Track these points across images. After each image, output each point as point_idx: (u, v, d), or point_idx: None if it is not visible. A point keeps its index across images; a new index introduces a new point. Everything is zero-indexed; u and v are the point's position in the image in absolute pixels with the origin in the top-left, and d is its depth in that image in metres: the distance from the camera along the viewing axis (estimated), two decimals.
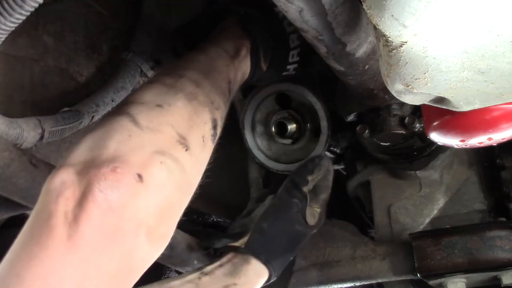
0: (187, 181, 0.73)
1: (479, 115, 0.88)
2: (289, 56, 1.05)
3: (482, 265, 1.20)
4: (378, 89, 1.10)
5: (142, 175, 0.65)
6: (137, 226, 0.64)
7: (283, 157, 1.27)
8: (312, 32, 0.77)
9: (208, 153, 0.80)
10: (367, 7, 0.55)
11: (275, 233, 1.12)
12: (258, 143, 1.27)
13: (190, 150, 0.73)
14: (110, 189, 0.62)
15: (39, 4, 0.63)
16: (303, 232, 1.15)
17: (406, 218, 1.40)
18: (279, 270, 1.11)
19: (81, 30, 1.10)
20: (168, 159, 0.69)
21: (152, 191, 0.66)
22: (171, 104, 0.76)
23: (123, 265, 0.62)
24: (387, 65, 0.62)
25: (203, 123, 0.79)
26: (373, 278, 1.31)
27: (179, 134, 0.73)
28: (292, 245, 1.14)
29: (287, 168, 1.24)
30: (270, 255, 1.09)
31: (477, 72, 0.60)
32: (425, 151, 1.34)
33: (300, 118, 1.25)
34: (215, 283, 1.02)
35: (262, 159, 1.26)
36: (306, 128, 1.26)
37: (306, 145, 1.26)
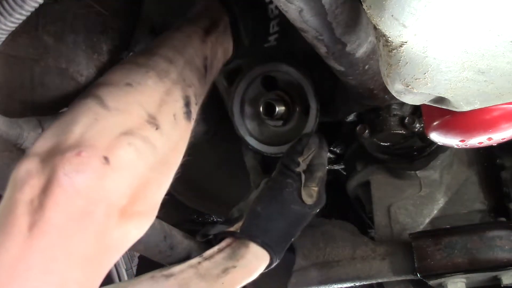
0: (160, 160, 0.72)
1: (479, 115, 0.88)
2: (270, 26, 1.03)
3: (482, 265, 1.20)
4: (378, 89, 1.10)
5: (109, 157, 0.64)
6: (107, 207, 0.63)
7: (275, 140, 1.26)
8: (312, 32, 0.77)
9: (182, 131, 0.79)
10: (367, 7, 0.55)
11: (270, 215, 1.10)
12: (249, 129, 1.26)
13: (160, 128, 0.72)
14: (75, 173, 0.61)
15: (39, 4, 0.63)
16: (302, 212, 1.13)
17: (406, 218, 1.40)
18: (280, 252, 1.10)
19: (81, 30, 1.09)
20: (136, 139, 0.68)
21: (120, 172, 0.65)
22: (141, 83, 0.75)
23: (96, 246, 0.62)
24: (387, 65, 0.62)
25: (174, 101, 0.77)
26: (373, 278, 1.31)
27: (148, 113, 0.72)
28: (291, 226, 1.12)
29: (280, 150, 1.23)
30: (268, 237, 1.08)
31: (477, 72, 0.60)
32: (425, 151, 1.34)
33: (289, 98, 1.24)
34: (215, 267, 1.03)
35: (255, 144, 1.25)
36: (295, 108, 1.24)
37: (297, 125, 1.24)
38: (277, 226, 1.10)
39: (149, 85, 0.75)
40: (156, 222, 1.15)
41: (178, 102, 0.78)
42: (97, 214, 0.62)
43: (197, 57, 0.85)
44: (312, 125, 1.20)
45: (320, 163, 1.20)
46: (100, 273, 0.64)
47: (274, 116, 1.20)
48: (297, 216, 1.13)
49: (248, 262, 1.05)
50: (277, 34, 1.05)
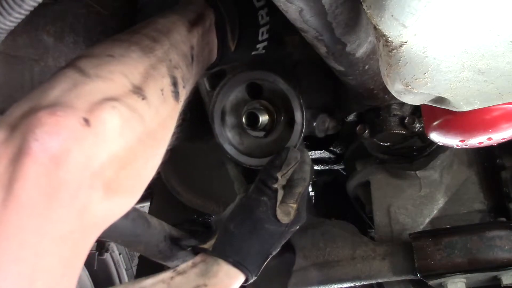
0: (148, 134, 0.65)
1: (479, 115, 0.88)
2: (259, 33, 0.97)
3: (482, 265, 1.20)
4: (378, 89, 1.10)
5: (90, 119, 0.56)
6: (91, 177, 0.55)
7: (256, 151, 1.18)
8: (312, 32, 0.77)
9: (171, 109, 0.72)
10: (367, 7, 0.55)
11: (243, 234, 1.06)
12: (229, 137, 1.18)
13: (147, 100, 0.66)
14: (47, 136, 0.52)
15: (38, 3, 0.63)
16: (277, 230, 1.08)
17: (406, 218, 1.40)
18: (256, 270, 1.06)
19: (81, 30, 1.10)
20: (121, 105, 0.61)
21: (103, 137, 0.57)
22: (123, 55, 0.69)
23: (76, 224, 0.54)
24: (387, 65, 0.62)
25: (160, 76, 0.71)
26: (373, 278, 1.31)
27: (133, 83, 0.65)
28: (265, 245, 1.08)
29: (260, 163, 1.15)
30: (241, 256, 1.04)
31: (477, 72, 0.60)
32: (425, 151, 1.34)
33: (273, 108, 1.16)
34: (186, 283, 1.00)
35: (234, 154, 1.18)
36: (279, 119, 1.16)
37: (280, 137, 1.16)
38: (250, 245, 1.06)
39: (132, 57, 0.69)
40: (156, 222, 1.15)
41: (165, 78, 0.72)
42: (76, 185, 0.53)
43: (183, 43, 0.80)
44: (296, 139, 1.13)
45: (300, 177, 1.11)
46: (80, 253, 0.56)
47: (257, 127, 1.13)
48: (272, 235, 1.09)
49: (219, 280, 1.02)
50: (266, 42, 1.00)
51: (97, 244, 1.97)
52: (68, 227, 0.53)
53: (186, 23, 0.84)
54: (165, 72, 0.73)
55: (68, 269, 0.54)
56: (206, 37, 0.88)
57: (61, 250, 0.52)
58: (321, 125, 1.19)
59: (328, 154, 1.86)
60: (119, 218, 1.05)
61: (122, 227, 1.07)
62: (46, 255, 0.51)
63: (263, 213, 1.08)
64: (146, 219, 1.13)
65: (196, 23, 0.85)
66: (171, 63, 0.75)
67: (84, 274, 2.21)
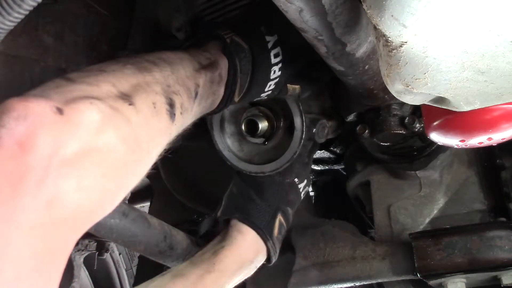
0: (135, 138, 0.63)
1: (479, 115, 0.88)
2: (267, 86, 0.97)
3: (482, 265, 1.20)
4: (378, 89, 1.10)
5: (63, 109, 0.54)
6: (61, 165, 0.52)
7: (256, 158, 1.18)
8: (312, 32, 0.77)
9: (164, 126, 0.70)
10: (367, 7, 0.55)
11: (242, 192, 1.12)
12: (228, 144, 1.17)
13: (135, 106, 0.64)
14: (14, 121, 0.50)
15: (38, 3, 0.63)
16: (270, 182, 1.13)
17: (406, 218, 1.40)
18: (266, 227, 1.10)
19: (81, 30, 1.10)
20: (102, 103, 0.59)
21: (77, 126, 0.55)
22: (116, 70, 0.67)
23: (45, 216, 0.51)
24: (387, 65, 0.62)
25: (153, 92, 0.69)
26: (373, 278, 1.31)
27: (120, 91, 0.64)
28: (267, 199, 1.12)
29: (260, 169, 1.15)
30: (245, 212, 1.08)
31: (477, 72, 0.60)
32: (425, 151, 1.34)
33: (272, 115, 1.16)
34: (207, 252, 1.06)
35: (234, 161, 1.17)
36: (279, 125, 1.16)
37: (280, 144, 1.16)
38: (251, 201, 1.11)
39: (125, 72, 0.68)
40: (156, 222, 1.15)
41: (158, 95, 0.70)
42: (43, 171, 0.51)
43: (187, 78, 0.78)
44: (296, 145, 1.12)
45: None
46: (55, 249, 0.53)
47: (257, 134, 1.13)
48: (268, 188, 1.12)
49: (233, 239, 1.06)
50: (270, 92, 0.99)
51: (97, 244, 1.97)
52: (36, 216, 0.50)
53: (195, 63, 0.83)
54: (160, 91, 0.71)
55: (42, 264, 0.51)
56: (214, 86, 0.86)
57: (31, 241, 0.50)
58: (321, 131, 1.20)
59: (328, 154, 1.86)
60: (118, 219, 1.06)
61: (122, 227, 1.07)
62: (15, 244, 0.48)
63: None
64: (146, 219, 1.13)
65: (205, 67, 0.84)
66: (169, 88, 0.73)
67: (84, 274, 2.21)
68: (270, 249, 1.10)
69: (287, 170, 1.14)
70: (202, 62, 0.84)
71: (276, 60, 0.95)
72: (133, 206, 1.15)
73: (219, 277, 1.02)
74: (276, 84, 0.98)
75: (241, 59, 0.89)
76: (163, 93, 0.71)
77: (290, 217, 1.16)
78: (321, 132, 1.19)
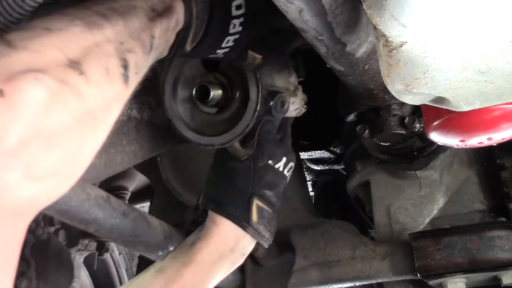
0: (88, 112, 0.58)
1: (479, 115, 0.88)
2: (224, 40, 0.88)
3: (482, 265, 1.20)
4: (378, 89, 1.10)
5: (4, 89, 0.49)
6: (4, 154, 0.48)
7: (207, 129, 1.09)
8: (312, 32, 0.77)
9: (118, 92, 0.64)
10: (367, 7, 0.55)
11: (215, 178, 1.09)
12: (180, 111, 1.08)
13: (86, 75, 0.58)
14: None
15: (38, 4, 0.63)
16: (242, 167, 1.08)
17: (406, 218, 1.40)
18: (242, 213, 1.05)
19: None
20: (48, 77, 0.53)
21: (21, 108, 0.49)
22: (63, 29, 0.60)
23: None
24: (387, 65, 0.62)
25: (105, 55, 0.63)
26: (373, 278, 1.31)
27: (68, 57, 0.57)
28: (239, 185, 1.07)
29: (210, 141, 1.07)
30: (218, 201, 1.06)
31: (477, 72, 0.60)
32: (425, 151, 1.34)
33: (228, 84, 1.07)
34: (186, 244, 1.05)
35: (183, 130, 1.07)
36: (234, 95, 1.07)
37: (234, 115, 1.08)
38: (223, 188, 1.07)
39: (73, 31, 0.61)
40: (156, 222, 1.15)
41: (111, 58, 0.64)
42: None
43: (142, 30, 0.71)
44: (249, 117, 1.04)
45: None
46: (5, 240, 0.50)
47: (208, 102, 1.05)
48: (241, 173, 1.07)
49: (207, 229, 1.05)
50: (228, 49, 0.91)
51: (97, 244, 1.97)
52: None
53: (149, 11, 0.74)
54: (113, 53, 0.64)
55: None
56: (169, 33, 0.79)
57: None
58: (279, 105, 1.10)
59: (328, 154, 1.86)
60: (118, 219, 1.06)
61: (122, 227, 1.07)
62: None
63: (223, 153, 1.10)
64: (146, 219, 1.13)
65: (161, 14, 0.76)
66: (122, 46, 0.66)
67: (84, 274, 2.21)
68: (253, 234, 1.06)
69: (258, 153, 1.09)
70: (157, 8, 0.76)
71: (237, 12, 0.87)
72: (133, 206, 1.15)
73: (197, 269, 1.02)
74: (235, 42, 0.90)
75: (197, 3, 0.81)
76: (116, 54, 0.65)
77: (272, 199, 1.11)
78: (279, 107, 1.11)
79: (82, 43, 0.61)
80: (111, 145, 1.09)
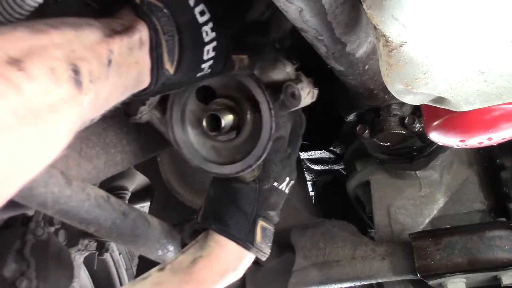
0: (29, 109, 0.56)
1: (479, 115, 0.88)
2: (204, 52, 0.86)
3: (482, 265, 1.20)
4: (378, 89, 1.10)
5: None
6: None
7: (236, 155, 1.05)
8: (312, 32, 0.77)
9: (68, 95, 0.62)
10: (367, 7, 0.55)
11: (220, 198, 1.06)
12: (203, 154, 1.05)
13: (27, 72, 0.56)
14: None
15: (39, 4, 0.63)
16: (247, 189, 1.05)
17: (406, 218, 1.40)
18: (246, 236, 1.04)
19: None
20: None
21: None
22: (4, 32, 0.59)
23: None
24: (387, 65, 0.62)
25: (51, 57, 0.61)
26: (373, 278, 1.31)
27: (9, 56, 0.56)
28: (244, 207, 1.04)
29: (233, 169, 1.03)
30: (223, 222, 1.03)
31: (477, 72, 0.60)
32: (425, 151, 1.34)
33: (234, 103, 1.02)
34: (186, 259, 1.02)
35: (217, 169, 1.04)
36: (245, 112, 1.02)
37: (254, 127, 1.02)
38: (228, 209, 1.05)
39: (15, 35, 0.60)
40: (156, 222, 1.15)
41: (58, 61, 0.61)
42: None
43: (96, 43, 0.68)
44: (268, 119, 0.98)
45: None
46: None
47: (222, 130, 0.99)
48: (245, 195, 1.05)
49: (211, 249, 1.03)
50: (212, 60, 0.88)
51: (97, 244, 1.97)
52: None
53: (106, 29, 0.72)
54: (61, 56, 0.62)
55: None
56: (135, 53, 0.76)
57: None
58: (290, 95, 1.03)
59: (328, 154, 1.86)
60: (118, 219, 1.06)
61: (122, 227, 1.07)
62: None
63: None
64: (146, 219, 1.13)
65: (119, 32, 0.73)
66: (73, 53, 0.64)
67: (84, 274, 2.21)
68: (256, 254, 1.06)
69: (264, 175, 1.07)
70: (115, 28, 0.74)
71: (203, 18, 0.84)
72: (133, 206, 1.15)
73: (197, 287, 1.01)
74: (215, 51, 0.87)
75: (159, 18, 0.78)
76: (64, 59, 0.63)
77: (274, 218, 1.12)
78: (290, 98, 1.03)
79: (25, 44, 0.59)
80: (111, 145, 1.09)
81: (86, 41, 0.67)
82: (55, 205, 0.94)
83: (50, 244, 1.58)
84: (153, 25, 0.77)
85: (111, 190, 1.87)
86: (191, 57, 0.84)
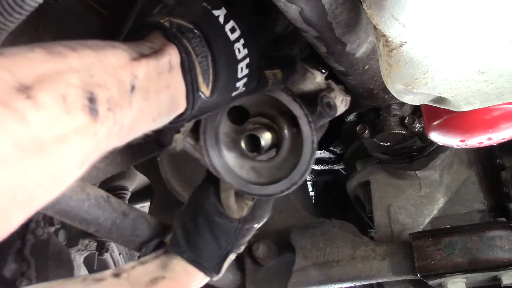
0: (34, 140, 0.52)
1: (479, 115, 0.88)
2: (238, 70, 0.83)
3: (482, 265, 1.20)
4: (378, 89, 1.10)
5: None
6: None
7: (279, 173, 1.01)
8: (312, 32, 0.77)
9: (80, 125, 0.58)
10: (367, 7, 0.55)
11: (197, 228, 1.04)
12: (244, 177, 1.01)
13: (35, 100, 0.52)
14: None
15: (39, 3, 0.63)
16: (229, 226, 1.04)
17: (406, 218, 1.40)
18: (215, 268, 1.05)
19: (81, 30, 1.10)
20: None
21: None
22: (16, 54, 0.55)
23: None
24: (387, 65, 0.62)
25: (64, 82, 0.57)
26: (373, 278, 1.31)
27: (20, 81, 0.52)
28: (221, 241, 1.05)
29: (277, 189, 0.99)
30: (197, 253, 1.02)
31: (477, 72, 0.60)
32: (425, 151, 1.34)
33: (270, 121, 0.99)
34: (146, 274, 1.00)
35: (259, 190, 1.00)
36: (282, 127, 0.99)
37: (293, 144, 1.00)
38: (205, 241, 1.04)
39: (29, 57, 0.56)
40: (156, 222, 1.15)
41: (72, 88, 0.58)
42: None
43: (120, 67, 0.65)
44: (309, 133, 0.95)
45: None
46: None
47: (263, 149, 0.96)
48: (226, 231, 1.04)
49: (176, 275, 1.02)
50: (246, 78, 0.84)
51: (97, 244, 1.97)
52: None
53: (133, 52, 0.69)
54: (76, 83, 0.58)
55: None
56: (164, 77, 0.73)
57: None
58: (325, 105, 0.99)
59: (328, 154, 1.86)
60: (118, 219, 1.06)
61: (122, 227, 1.07)
62: None
63: (212, 205, 1.05)
64: (146, 219, 1.13)
65: (147, 55, 0.70)
66: (91, 79, 0.61)
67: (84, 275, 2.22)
68: (213, 277, 1.07)
69: (250, 218, 1.06)
70: (144, 52, 0.71)
71: (234, 35, 0.81)
72: (133, 206, 1.15)
73: None
74: (248, 68, 0.85)
75: (190, 39, 0.75)
76: (80, 85, 0.59)
77: (242, 249, 1.11)
78: (326, 108, 0.99)
79: (39, 68, 0.56)
80: None
81: (108, 65, 0.64)
82: (55, 205, 0.94)
83: (50, 244, 1.58)
84: (184, 47, 0.74)
85: (111, 190, 1.87)
86: (226, 77, 0.81)
